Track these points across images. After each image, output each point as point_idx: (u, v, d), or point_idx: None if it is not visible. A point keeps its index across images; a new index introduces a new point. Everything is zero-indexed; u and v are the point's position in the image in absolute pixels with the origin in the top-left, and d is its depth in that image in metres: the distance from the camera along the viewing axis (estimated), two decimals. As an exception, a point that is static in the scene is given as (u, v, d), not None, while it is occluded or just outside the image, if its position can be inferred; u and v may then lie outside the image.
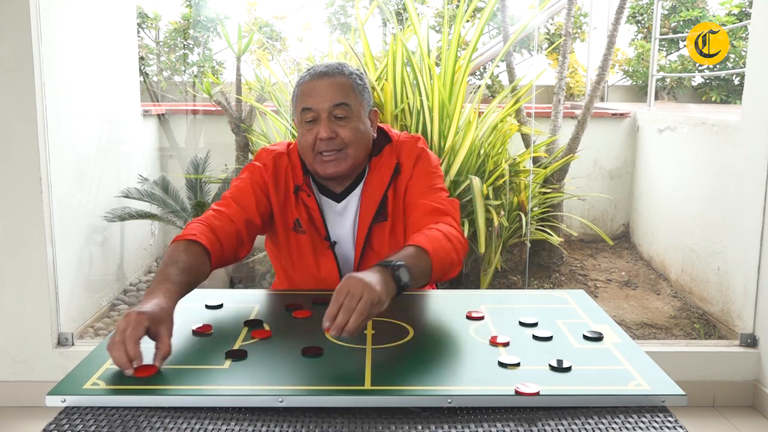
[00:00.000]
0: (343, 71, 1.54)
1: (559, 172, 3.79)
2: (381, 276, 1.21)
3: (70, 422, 0.99)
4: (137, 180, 3.61)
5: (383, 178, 1.57)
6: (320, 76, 1.52)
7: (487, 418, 1.01)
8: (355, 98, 1.53)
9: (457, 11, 3.51)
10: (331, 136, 1.50)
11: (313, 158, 1.54)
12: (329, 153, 1.51)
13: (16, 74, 2.50)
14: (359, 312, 1.13)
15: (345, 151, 1.52)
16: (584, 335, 1.27)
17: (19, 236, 2.59)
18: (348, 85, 1.53)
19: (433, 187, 1.57)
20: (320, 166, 1.53)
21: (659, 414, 1.02)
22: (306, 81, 1.53)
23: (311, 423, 0.99)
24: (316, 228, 1.59)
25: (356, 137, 1.53)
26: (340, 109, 1.51)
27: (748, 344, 2.73)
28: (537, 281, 3.82)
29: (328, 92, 1.51)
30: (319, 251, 1.59)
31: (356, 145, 1.53)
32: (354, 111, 1.53)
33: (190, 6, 4.82)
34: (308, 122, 1.52)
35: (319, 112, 1.51)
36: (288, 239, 1.62)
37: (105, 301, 3.35)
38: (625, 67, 6.07)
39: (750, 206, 2.73)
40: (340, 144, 1.51)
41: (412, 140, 1.62)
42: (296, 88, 1.56)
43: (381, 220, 1.58)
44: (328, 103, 1.50)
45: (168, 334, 1.14)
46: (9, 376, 2.67)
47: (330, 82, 1.51)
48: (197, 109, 4.31)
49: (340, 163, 1.53)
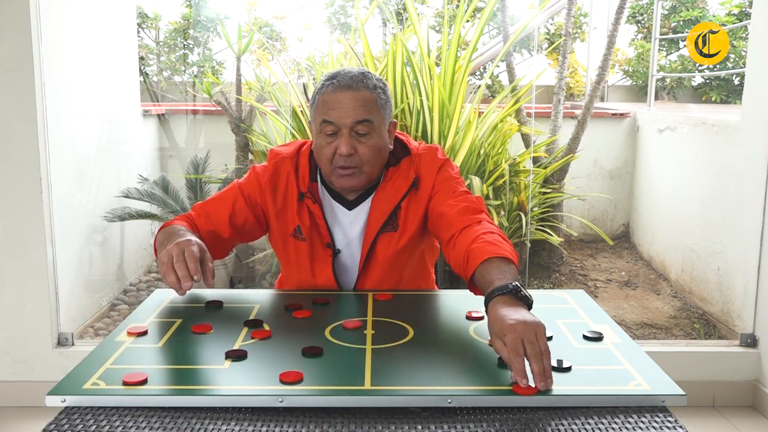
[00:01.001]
0: (368, 84, 1.50)
1: (559, 172, 3.79)
2: (520, 305, 1.17)
3: (70, 422, 0.99)
4: (137, 180, 3.61)
5: (399, 189, 1.56)
6: (345, 88, 1.48)
7: (487, 418, 1.01)
8: (378, 113, 1.50)
9: (457, 11, 3.51)
10: (350, 152, 1.48)
11: (331, 171, 1.52)
12: (345, 168, 1.50)
13: (16, 74, 2.50)
14: (546, 351, 1.07)
15: (360, 169, 1.51)
16: (584, 335, 1.27)
17: (19, 236, 2.59)
18: (372, 100, 1.50)
19: (457, 192, 1.55)
20: (336, 179, 1.52)
21: (659, 414, 1.02)
22: (329, 92, 1.49)
23: (311, 423, 0.99)
24: (319, 234, 1.57)
25: (374, 155, 1.51)
26: (362, 126, 1.48)
27: (748, 344, 2.73)
28: (537, 281, 3.82)
29: (351, 107, 1.47)
30: (318, 258, 1.58)
31: (372, 162, 1.52)
32: (375, 127, 1.50)
33: (190, 6, 4.82)
34: (328, 135, 1.50)
35: (340, 127, 1.48)
36: (286, 244, 1.61)
37: (105, 301, 3.35)
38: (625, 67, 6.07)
39: (750, 206, 2.73)
40: (357, 162, 1.50)
41: (432, 151, 1.60)
42: (317, 96, 1.52)
43: (390, 229, 1.56)
44: (350, 119, 1.47)
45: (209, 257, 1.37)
46: (9, 376, 2.67)
47: (354, 96, 1.48)
48: (197, 109, 4.31)
49: (353, 179, 1.52)
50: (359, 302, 1.47)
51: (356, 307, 1.45)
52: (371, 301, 1.47)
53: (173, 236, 1.41)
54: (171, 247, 1.34)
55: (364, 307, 1.43)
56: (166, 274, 1.33)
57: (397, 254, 1.57)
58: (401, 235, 1.56)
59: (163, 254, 1.34)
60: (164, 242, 1.43)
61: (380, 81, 1.54)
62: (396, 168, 1.57)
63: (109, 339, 1.25)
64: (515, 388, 1.04)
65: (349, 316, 1.36)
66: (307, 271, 1.58)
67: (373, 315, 1.37)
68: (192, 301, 1.48)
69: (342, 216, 1.59)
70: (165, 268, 1.33)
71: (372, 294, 1.51)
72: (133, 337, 1.26)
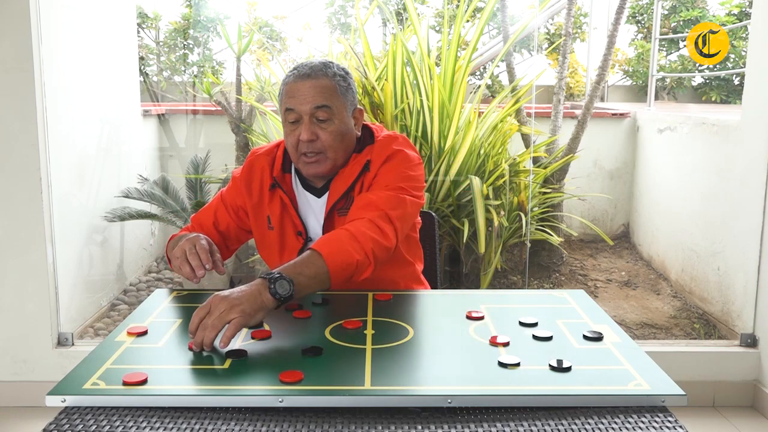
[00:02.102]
0: (327, 72, 1.54)
1: (559, 172, 3.79)
2: (254, 288, 1.23)
3: (70, 422, 0.99)
4: (137, 180, 3.61)
5: (352, 175, 1.58)
6: (304, 77, 1.53)
7: (487, 418, 1.01)
8: (338, 100, 1.54)
9: (457, 11, 3.51)
10: (311, 138, 1.52)
11: (297, 158, 1.57)
12: (310, 155, 1.54)
13: (16, 74, 2.50)
14: (213, 327, 1.17)
15: (324, 154, 1.54)
16: (584, 335, 1.27)
17: (19, 236, 2.59)
18: (331, 87, 1.53)
19: (390, 186, 1.53)
20: (303, 166, 1.57)
21: (659, 414, 1.02)
22: (290, 81, 1.55)
23: (311, 423, 0.99)
24: (293, 224, 1.61)
25: (336, 140, 1.54)
26: (321, 112, 1.52)
27: (748, 344, 2.73)
28: (537, 281, 3.82)
29: (310, 94, 1.52)
30: (288, 246, 1.61)
31: (335, 147, 1.55)
32: (336, 113, 1.54)
33: (190, 6, 4.82)
34: (291, 122, 1.54)
35: (301, 114, 1.53)
36: (263, 238, 1.66)
37: (105, 301, 3.35)
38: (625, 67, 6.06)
39: (750, 206, 2.73)
40: (320, 147, 1.53)
41: (388, 140, 1.61)
42: (281, 86, 1.58)
43: (344, 213, 1.58)
44: (309, 105, 1.52)
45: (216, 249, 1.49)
46: (9, 376, 2.66)
47: (313, 84, 1.52)
48: (197, 109, 4.31)
49: (320, 165, 1.55)
50: (359, 302, 1.47)
51: (356, 307, 1.44)
52: (371, 301, 1.47)
53: (182, 239, 1.51)
54: (182, 244, 1.46)
55: (364, 307, 1.43)
56: (180, 266, 1.44)
57: None
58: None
59: (176, 250, 1.46)
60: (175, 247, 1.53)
61: (341, 69, 1.58)
62: (359, 154, 1.60)
63: (109, 339, 1.25)
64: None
65: (349, 316, 1.36)
66: (277, 257, 1.62)
67: (373, 315, 1.37)
68: (192, 302, 1.48)
69: (313, 203, 1.62)
70: (179, 262, 1.44)
71: (372, 294, 1.51)
72: (133, 337, 1.26)
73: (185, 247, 1.44)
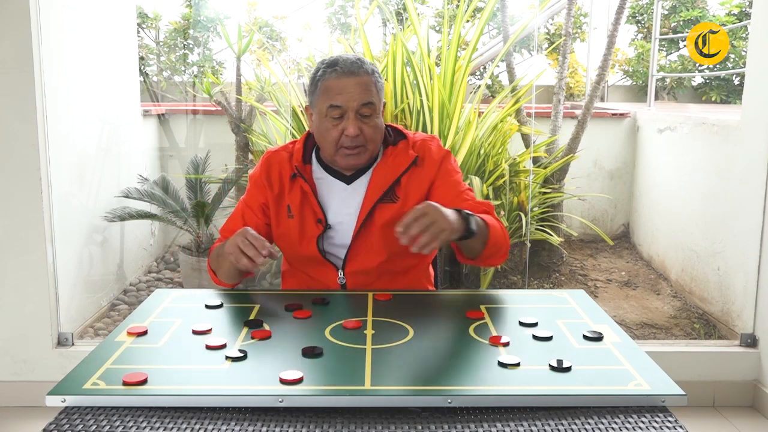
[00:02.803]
0: (366, 69, 1.62)
1: (559, 172, 3.79)
2: (455, 213, 1.42)
3: (70, 422, 0.99)
4: (137, 180, 3.61)
5: (400, 165, 1.65)
6: (348, 74, 1.60)
7: (487, 418, 1.01)
8: (377, 96, 1.63)
9: (457, 11, 3.51)
10: (357, 134, 1.59)
11: (335, 151, 1.62)
12: (352, 148, 1.60)
13: (16, 74, 2.50)
14: (432, 234, 1.33)
15: (365, 147, 1.62)
16: (584, 335, 1.27)
17: (19, 236, 2.59)
18: (372, 83, 1.62)
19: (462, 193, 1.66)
20: (342, 159, 1.63)
21: (659, 414, 1.02)
22: (333, 78, 1.60)
23: (311, 423, 0.99)
24: (312, 212, 1.65)
25: (376, 134, 1.63)
26: (366, 108, 1.60)
27: (748, 344, 2.73)
28: (537, 281, 3.82)
29: (356, 92, 1.59)
30: (308, 233, 1.65)
31: (376, 140, 1.64)
32: (376, 108, 1.63)
33: (190, 6, 4.82)
34: (334, 118, 1.60)
35: (347, 110, 1.59)
36: (280, 226, 1.69)
37: (105, 301, 3.35)
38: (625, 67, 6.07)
39: (750, 206, 2.73)
40: (362, 141, 1.61)
41: (434, 139, 1.72)
42: (320, 82, 1.61)
43: (389, 201, 1.65)
44: (356, 102, 1.58)
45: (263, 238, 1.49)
46: (9, 376, 2.67)
47: (357, 81, 1.59)
48: (197, 109, 4.31)
49: (359, 156, 1.63)
50: (359, 302, 1.47)
51: (356, 307, 1.45)
52: (371, 301, 1.47)
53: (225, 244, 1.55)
54: (232, 240, 1.49)
55: (364, 307, 1.43)
56: (238, 259, 1.47)
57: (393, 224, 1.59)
58: (401, 207, 1.64)
59: (228, 247, 1.49)
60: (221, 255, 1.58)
61: (372, 65, 1.66)
62: (395, 147, 1.69)
63: (109, 339, 1.25)
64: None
65: (349, 316, 1.36)
66: (296, 244, 1.66)
67: (373, 315, 1.37)
68: (192, 301, 1.48)
69: (340, 191, 1.67)
70: (235, 255, 1.47)
71: (372, 294, 1.51)
72: (133, 337, 1.26)
73: (237, 241, 1.47)
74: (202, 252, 3.54)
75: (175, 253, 4.09)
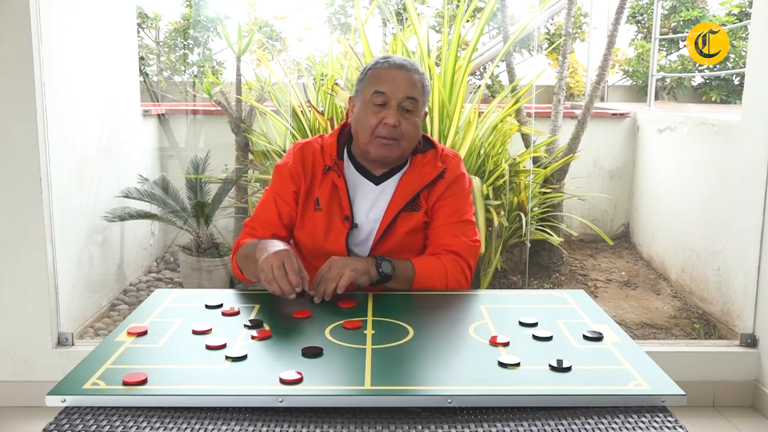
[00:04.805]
0: (418, 69, 1.66)
1: (559, 172, 3.79)
2: (365, 260, 1.54)
3: (70, 422, 0.99)
4: (137, 180, 3.61)
5: (427, 175, 1.68)
6: (399, 67, 1.64)
7: (487, 418, 1.01)
8: (421, 97, 1.66)
9: (457, 11, 3.51)
10: (395, 124, 1.61)
11: (370, 139, 1.64)
12: (387, 138, 1.62)
13: (16, 74, 2.50)
14: (332, 279, 1.45)
15: (399, 141, 1.63)
16: (584, 335, 1.27)
17: (19, 236, 2.59)
18: (420, 83, 1.65)
19: (462, 220, 1.69)
20: (374, 147, 1.64)
21: (659, 414, 1.02)
22: (384, 67, 1.64)
23: (311, 423, 0.99)
24: (340, 207, 1.66)
25: (412, 132, 1.65)
26: (409, 102, 1.63)
27: (748, 344, 2.73)
28: (537, 281, 3.82)
29: (403, 84, 1.62)
30: (335, 228, 1.66)
31: (411, 138, 1.65)
32: (418, 107, 1.65)
33: (190, 6, 4.82)
34: (377, 105, 1.62)
35: (390, 99, 1.62)
36: (304, 217, 1.70)
37: (105, 301, 3.35)
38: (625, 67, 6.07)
39: (750, 206, 2.73)
40: (399, 134, 1.62)
41: (456, 158, 1.75)
42: (370, 71, 1.66)
43: (412, 209, 1.67)
44: (401, 94, 1.62)
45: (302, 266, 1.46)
46: (9, 376, 2.66)
47: (406, 75, 1.63)
48: (197, 109, 4.31)
49: (392, 149, 1.64)
50: (359, 302, 1.47)
51: (356, 307, 1.44)
52: (371, 301, 1.47)
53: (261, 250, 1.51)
54: (270, 258, 1.44)
55: (364, 307, 1.43)
56: (269, 282, 1.43)
57: (414, 232, 1.69)
58: (423, 216, 1.68)
59: (263, 263, 1.44)
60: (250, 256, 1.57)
61: (423, 71, 1.70)
62: (423, 156, 1.72)
63: (109, 339, 1.25)
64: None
65: (349, 316, 1.36)
66: (321, 239, 1.67)
67: (373, 315, 1.37)
68: (192, 301, 1.48)
69: (368, 190, 1.69)
70: (268, 280, 1.43)
71: (372, 294, 1.51)
72: (133, 337, 1.26)
73: (273, 264, 1.42)
74: (202, 252, 3.54)
75: (175, 253, 4.09)
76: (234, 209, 3.86)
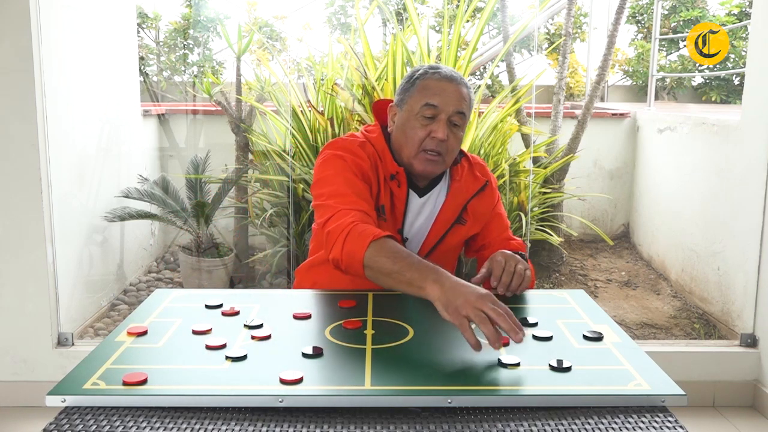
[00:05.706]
0: (466, 83, 1.61)
1: (559, 172, 3.79)
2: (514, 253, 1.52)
3: (70, 422, 0.99)
4: (137, 180, 3.61)
5: (470, 187, 1.67)
6: (450, 79, 1.58)
7: (487, 418, 1.01)
8: (469, 111, 1.61)
9: (457, 11, 3.51)
10: (444, 138, 1.55)
11: (416, 152, 1.58)
12: (433, 153, 1.57)
13: (16, 74, 2.50)
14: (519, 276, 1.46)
15: (443, 156, 1.58)
16: (584, 335, 1.27)
17: (19, 236, 2.59)
18: (468, 97, 1.60)
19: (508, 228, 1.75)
20: (419, 162, 1.58)
21: (659, 414, 1.02)
22: (435, 78, 1.58)
23: (311, 423, 0.99)
24: (394, 218, 1.62)
25: (457, 147, 1.61)
26: (458, 117, 1.57)
27: (748, 344, 2.73)
28: (537, 281, 3.82)
29: (455, 97, 1.56)
30: None
31: (454, 152, 1.62)
32: (465, 122, 1.61)
33: (190, 6, 4.82)
34: (426, 117, 1.56)
35: (441, 112, 1.56)
36: None
37: (105, 301, 3.35)
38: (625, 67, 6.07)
39: (750, 206, 2.73)
40: (445, 149, 1.57)
41: (484, 164, 1.76)
42: (418, 80, 1.59)
43: (459, 223, 1.66)
44: (452, 108, 1.56)
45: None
46: (9, 376, 2.66)
47: (457, 89, 1.58)
48: (197, 109, 4.31)
49: (436, 164, 1.59)
50: (359, 302, 1.47)
51: (356, 307, 1.44)
52: (371, 301, 1.47)
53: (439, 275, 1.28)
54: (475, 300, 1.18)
55: (364, 307, 1.43)
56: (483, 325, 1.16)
57: (459, 245, 1.69)
58: (469, 229, 1.67)
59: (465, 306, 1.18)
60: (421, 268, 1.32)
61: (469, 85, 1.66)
62: (460, 167, 1.69)
63: (109, 339, 1.25)
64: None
65: (349, 316, 1.36)
66: None
67: (373, 315, 1.37)
68: (192, 301, 1.48)
69: (414, 203, 1.65)
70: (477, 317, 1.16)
71: (372, 294, 1.51)
72: (133, 337, 1.26)
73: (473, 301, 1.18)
74: (202, 252, 3.54)
75: (175, 253, 4.09)
76: (234, 209, 3.86)
